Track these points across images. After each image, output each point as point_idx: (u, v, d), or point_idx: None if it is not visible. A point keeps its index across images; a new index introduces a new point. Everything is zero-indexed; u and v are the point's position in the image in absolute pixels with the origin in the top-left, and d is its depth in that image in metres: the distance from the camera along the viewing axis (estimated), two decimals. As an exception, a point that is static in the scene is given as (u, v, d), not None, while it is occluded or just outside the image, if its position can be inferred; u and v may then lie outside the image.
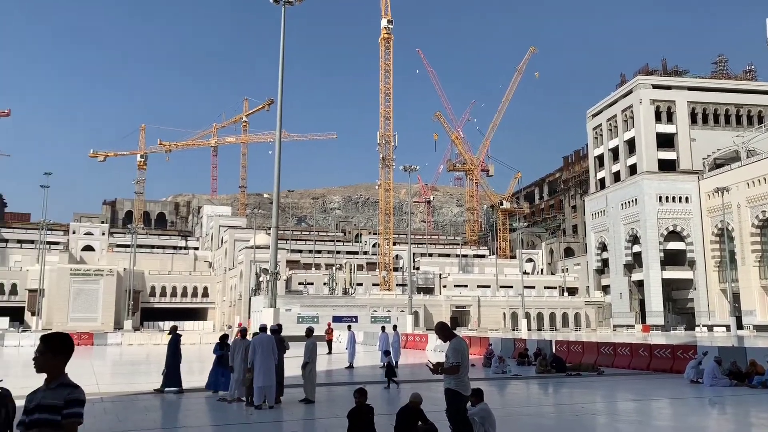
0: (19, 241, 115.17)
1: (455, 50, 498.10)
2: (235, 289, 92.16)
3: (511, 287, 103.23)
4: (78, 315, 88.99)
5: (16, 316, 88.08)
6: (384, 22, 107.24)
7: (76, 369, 27.09)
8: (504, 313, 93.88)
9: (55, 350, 4.19)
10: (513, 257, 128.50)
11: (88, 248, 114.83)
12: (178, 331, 18.37)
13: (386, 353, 19.66)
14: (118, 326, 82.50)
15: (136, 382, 17.74)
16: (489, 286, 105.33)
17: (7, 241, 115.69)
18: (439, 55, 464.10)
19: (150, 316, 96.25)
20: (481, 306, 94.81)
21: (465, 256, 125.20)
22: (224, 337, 18.15)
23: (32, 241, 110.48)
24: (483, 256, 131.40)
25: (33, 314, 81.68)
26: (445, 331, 8.53)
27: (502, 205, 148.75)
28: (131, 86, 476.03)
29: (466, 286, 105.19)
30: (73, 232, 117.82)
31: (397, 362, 26.96)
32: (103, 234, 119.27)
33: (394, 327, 29.17)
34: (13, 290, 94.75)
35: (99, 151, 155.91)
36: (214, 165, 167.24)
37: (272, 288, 33.37)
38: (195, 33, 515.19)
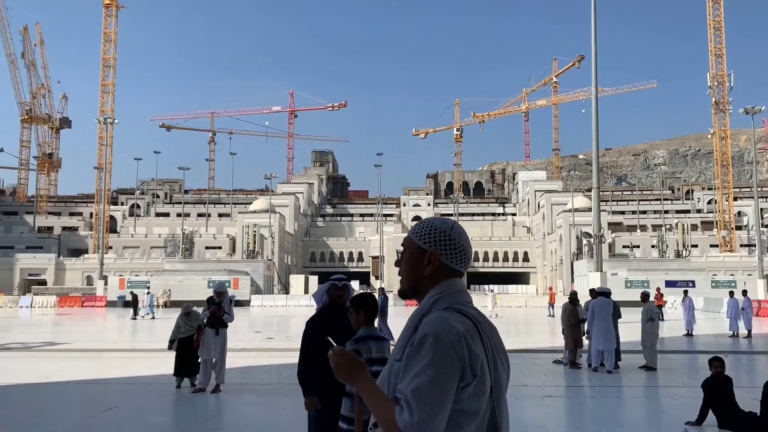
0: (361, 215, 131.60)
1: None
2: (556, 253, 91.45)
3: None
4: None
5: (363, 279, 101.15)
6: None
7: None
8: None
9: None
10: None
11: (417, 218, 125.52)
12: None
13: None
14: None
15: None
16: None
17: (352, 215, 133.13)
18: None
19: (475, 279, 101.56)
20: None
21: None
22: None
23: (371, 214, 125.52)
24: None
25: (376, 278, 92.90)
26: None
27: None
28: (444, 62, 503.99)
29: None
30: (404, 205, 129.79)
31: (749, 330, 23.76)
32: (429, 205, 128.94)
33: (744, 292, 25.76)
34: (360, 257, 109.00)
35: (420, 129, 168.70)
36: (526, 130, 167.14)
37: (597, 251, 32.18)
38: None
